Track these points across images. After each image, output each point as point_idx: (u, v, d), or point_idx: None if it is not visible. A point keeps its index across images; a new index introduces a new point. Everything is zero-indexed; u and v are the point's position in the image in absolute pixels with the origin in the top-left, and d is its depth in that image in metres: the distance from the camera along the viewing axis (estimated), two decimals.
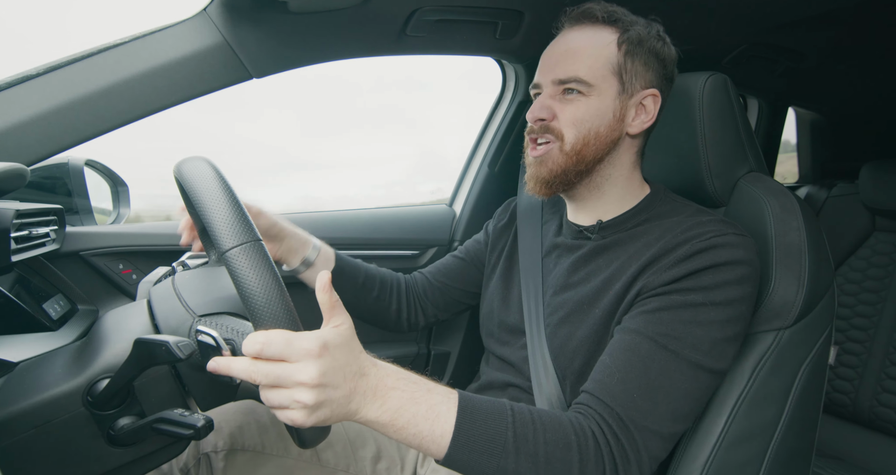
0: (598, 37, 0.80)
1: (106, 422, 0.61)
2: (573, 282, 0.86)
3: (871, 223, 1.67)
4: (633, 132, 0.82)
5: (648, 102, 0.81)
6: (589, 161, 0.81)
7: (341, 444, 0.95)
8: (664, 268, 0.74)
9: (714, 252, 0.72)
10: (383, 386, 0.59)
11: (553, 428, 0.65)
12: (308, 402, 0.53)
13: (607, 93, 0.79)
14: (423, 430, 0.60)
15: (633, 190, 0.86)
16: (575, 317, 0.82)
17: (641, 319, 0.73)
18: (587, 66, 0.78)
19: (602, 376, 0.71)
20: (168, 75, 0.89)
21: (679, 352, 0.69)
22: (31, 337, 0.87)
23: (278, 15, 0.93)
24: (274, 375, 0.53)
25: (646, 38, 0.80)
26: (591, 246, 0.86)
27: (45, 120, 0.83)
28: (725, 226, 0.76)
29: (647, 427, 0.67)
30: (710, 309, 0.70)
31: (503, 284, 0.99)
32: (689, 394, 0.69)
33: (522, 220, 1.01)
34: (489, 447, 0.61)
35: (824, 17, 1.28)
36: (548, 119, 0.80)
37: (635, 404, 0.67)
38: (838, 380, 1.64)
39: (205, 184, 0.57)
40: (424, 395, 0.61)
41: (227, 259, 0.53)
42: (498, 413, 0.64)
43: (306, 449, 0.91)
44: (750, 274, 0.73)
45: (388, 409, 0.59)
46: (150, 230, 1.21)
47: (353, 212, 1.51)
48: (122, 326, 0.68)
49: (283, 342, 0.52)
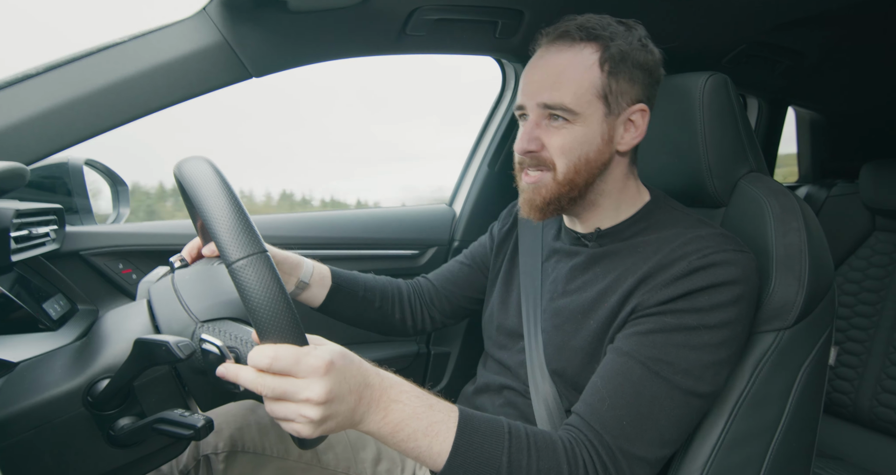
0: (579, 58, 0.77)
1: (106, 423, 0.61)
2: (570, 290, 0.85)
3: (871, 223, 1.67)
4: (623, 150, 0.81)
5: (637, 118, 0.80)
6: (581, 186, 0.80)
7: (342, 446, 0.95)
8: (659, 287, 0.73)
9: (711, 271, 0.71)
10: (386, 398, 0.60)
11: (546, 455, 0.65)
12: (314, 418, 0.54)
13: (594, 117, 0.77)
14: (421, 446, 0.61)
15: (629, 198, 0.85)
16: (569, 326, 0.82)
17: (634, 341, 0.72)
18: (572, 92, 0.76)
19: (593, 400, 0.71)
20: (167, 74, 0.89)
21: (670, 378, 0.69)
22: (30, 337, 0.87)
23: (278, 14, 0.93)
24: (281, 390, 0.53)
25: (628, 51, 0.77)
26: (589, 253, 0.85)
27: (44, 119, 0.82)
28: (725, 240, 0.74)
29: (635, 454, 0.67)
30: (704, 332, 0.70)
31: (504, 288, 0.99)
32: (679, 420, 0.70)
33: (523, 224, 1.01)
34: (483, 470, 0.62)
35: (824, 16, 1.28)
36: (537, 150, 0.79)
37: (624, 432, 0.68)
38: (838, 380, 1.64)
39: (209, 190, 0.56)
40: (426, 412, 0.62)
41: (233, 271, 0.53)
42: (495, 435, 0.64)
43: (306, 451, 0.91)
44: (746, 293, 0.73)
45: (390, 422, 0.60)
46: (150, 230, 1.21)
47: (353, 212, 1.51)
48: (122, 326, 0.68)
49: (292, 359, 0.53)
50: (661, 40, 0.84)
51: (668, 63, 0.85)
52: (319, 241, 1.39)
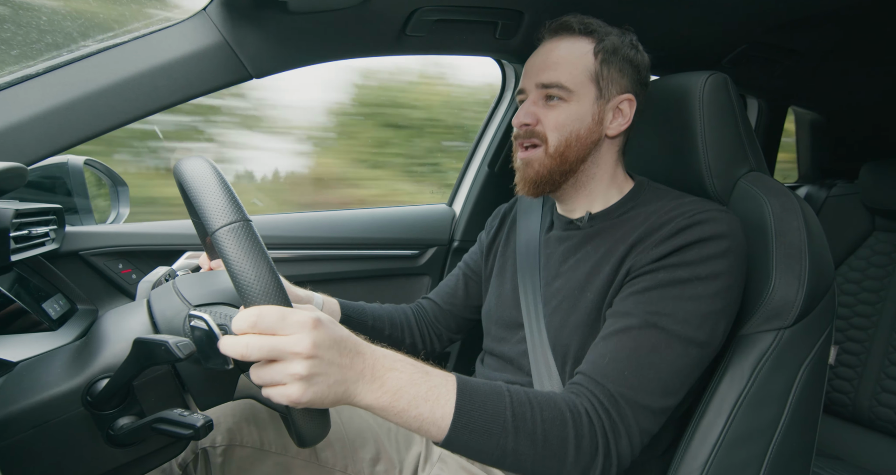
0: (576, 47, 0.86)
1: (105, 422, 0.61)
2: (564, 270, 0.89)
3: (871, 223, 1.67)
4: (612, 134, 0.87)
5: (625, 106, 0.87)
6: (572, 161, 0.86)
7: (340, 444, 0.95)
8: (650, 247, 0.77)
9: (697, 228, 0.75)
10: (381, 366, 0.59)
11: (549, 407, 0.66)
12: (302, 373, 0.53)
13: (586, 98, 0.85)
14: (423, 412, 0.60)
15: (617, 184, 0.91)
16: (567, 303, 0.85)
17: (631, 301, 0.75)
18: (568, 73, 0.85)
19: (594, 358, 0.73)
20: (167, 75, 0.89)
21: (668, 328, 0.71)
22: (30, 336, 0.87)
23: (278, 15, 0.93)
24: (268, 347, 0.52)
25: (620, 46, 0.86)
26: (582, 235, 0.90)
27: (44, 119, 0.82)
28: (707, 203, 0.80)
29: (638, 402, 0.69)
30: (697, 283, 0.73)
31: (498, 282, 1.02)
32: (679, 369, 0.71)
33: (522, 213, 1.04)
34: (489, 427, 0.62)
35: (824, 16, 1.29)
36: (532, 124, 0.86)
37: (626, 381, 0.69)
38: (838, 380, 1.64)
39: (196, 172, 0.58)
40: (423, 377, 0.61)
41: (215, 239, 0.53)
42: (496, 394, 0.65)
43: (305, 448, 0.91)
44: (734, 247, 0.75)
45: (388, 391, 0.59)
46: (149, 230, 1.21)
47: (353, 212, 1.51)
48: (122, 326, 0.67)
49: (277, 315, 0.52)
50: (661, 40, 0.85)
51: (669, 63, 0.85)
52: (319, 241, 1.39)
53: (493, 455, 0.64)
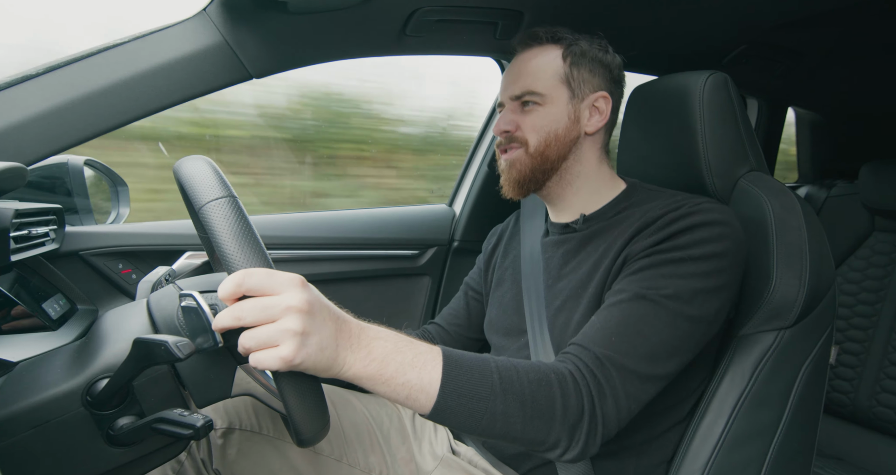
0: (544, 54, 0.90)
1: (105, 422, 0.61)
2: (565, 272, 0.90)
3: (871, 223, 1.67)
4: (591, 131, 0.90)
5: (600, 104, 0.90)
6: (553, 160, 0.89)
7: (335, 433, 0.96)
8: (646, 236, 0.79)
9: (691, 217, 0.77)
10: (366, 336, 0.59)
11: (533, 369, 0.67)
12: (297, 329, 0.51)
13: (560, 100, 0.88)
14: (411, 379, 0.60)
15: (606, 183, 0.93)
16: (570, 304, 0.85)
17: (625, 282, 0.77)
18: (538, 79, 0.88)
19: (584, 329, 0.74)
20: (167, 75, 0.89)
21: (657, 300, 0.72)
22: (30, 336, 0.87)
23: (278, 15, 0.93)
24: (261, 305, 0.51)
25: (588, 49, 0.89)
26: (579, 237, 0.90)
27: (44, 120, 0.82)
28: (702, 198, 0.82)
29: (624, 365, 0.69)
30: (690, 263, 0.74)
31: (498, 293, 1.03)
32: (667, 338, 0.72)
33: (526, 219, 1.05)
34: (478, 390, 0.62)
35: (824, 17, 1.29)
36: (512, 130, 0.90)
37: (612, 345, 0.70)
38: (837, 380, 1.64)
39: (192, 166, 0.59)
40: (408, 345, 0.61)
41: (202, 215, 0.53)
42: (481, 360, 0.66)
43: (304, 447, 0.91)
44: (728, 232, 0.76)
45: (375, 359, 0.58)
46: (149, 230, 1.21)
47: (353, 212, 1.51)
48: (122, 326, 0.68)
49: (264, 274, 0.51)
50: (661, 40, 0.85)
51: (669, 63, 0.85)
52: (319, 241, 1.39)
53: (483, 420, 0.63)
